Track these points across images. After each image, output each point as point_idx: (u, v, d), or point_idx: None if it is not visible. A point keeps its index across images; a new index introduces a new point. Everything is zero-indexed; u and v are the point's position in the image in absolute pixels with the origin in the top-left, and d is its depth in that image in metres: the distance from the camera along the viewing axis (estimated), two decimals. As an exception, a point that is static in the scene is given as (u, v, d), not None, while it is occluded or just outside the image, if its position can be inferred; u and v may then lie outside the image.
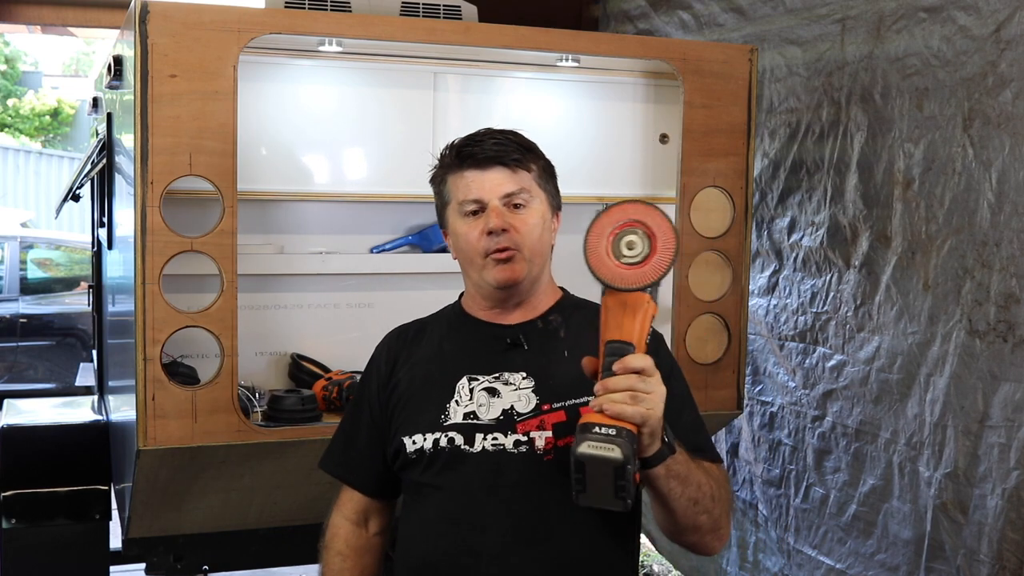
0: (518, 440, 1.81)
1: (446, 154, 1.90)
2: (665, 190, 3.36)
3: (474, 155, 1.85)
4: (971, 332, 2.87)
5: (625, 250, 1.55)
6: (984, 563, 2.82)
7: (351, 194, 3.23)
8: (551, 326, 1.92)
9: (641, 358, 1.58)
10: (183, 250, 2.64)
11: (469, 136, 1.89)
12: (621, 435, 1.52)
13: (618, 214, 1.58)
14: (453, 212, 1.88)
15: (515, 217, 1.84)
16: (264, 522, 3.25)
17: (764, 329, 3.78)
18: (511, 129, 1.93)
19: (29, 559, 3.51)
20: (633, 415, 1.55)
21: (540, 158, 1.93)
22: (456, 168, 1.87)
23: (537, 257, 1.89)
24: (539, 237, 1.88)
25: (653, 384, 1.57)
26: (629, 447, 1.52)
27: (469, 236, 1.85)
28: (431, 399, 1.88)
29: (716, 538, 1.81)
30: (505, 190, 1.84)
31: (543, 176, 1.92)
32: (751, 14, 3.83)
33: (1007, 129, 2.76)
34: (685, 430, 1.84)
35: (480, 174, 1.84)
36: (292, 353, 3.29)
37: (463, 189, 1.85)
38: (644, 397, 1.56)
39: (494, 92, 3.34)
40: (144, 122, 2.58)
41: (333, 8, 2.99)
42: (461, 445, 1.82)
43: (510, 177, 1.85)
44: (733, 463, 4.07)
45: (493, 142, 1.86)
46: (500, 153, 1.85)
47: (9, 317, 8.28)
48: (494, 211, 1.83)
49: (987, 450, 2.82)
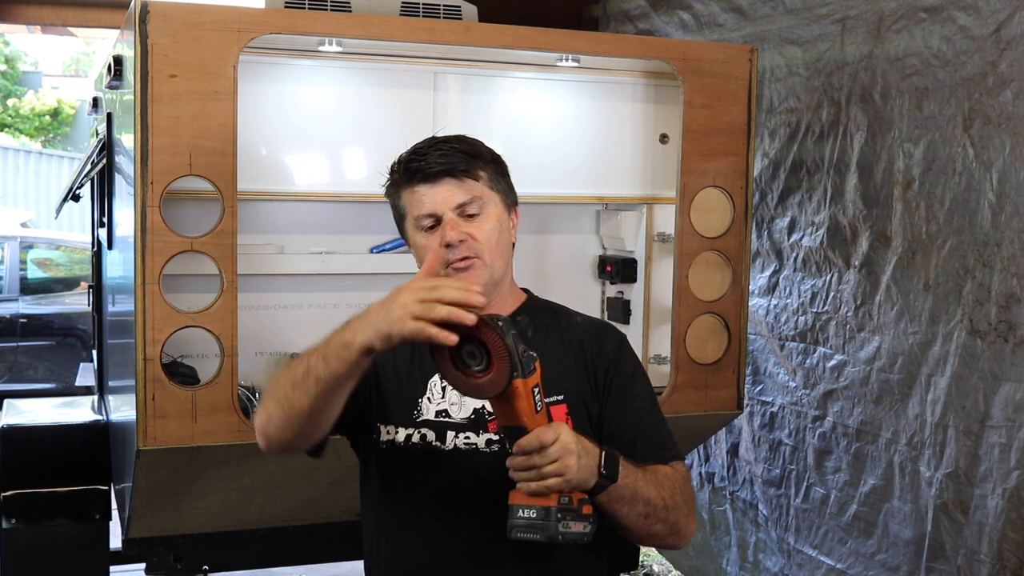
0: (490, 439, 1.85)
1: (395, 169, 1.91)
2: (665, 190, 3.36)
3: (422, 170, 1.85)
4: (972, 332, 2.87)
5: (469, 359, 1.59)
6: (984, 563, 2.82)
7: (351, 194, 3.23)
8: (519, 327, 1.92)
9: (534, 437, 1.62)
10: (183, 250, 2.64)
11: (415, 149, 1.90)
12: (543, 516, 1.63)
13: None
14: (411, 226, 1.90)
15: (471, 225, 1.86)
16: (264, 522, 3.25)
17: (764, 329, 3.78)
18: (456, 134, 1.93)
19: (29, 559, 3.51)
20: (547, 490, 1.62)
21: (488, 162, 1.92)
22: (406, 184, 1.88)
23: (498, 260, 1.90)
24: (497, 240, 1.89)
25: (555, 451, 1.62)
26: (553, 525, 1.64)
27: (427, 250, 1.87)
28: (404, 393, 1.90)
29: (677, 539, 1.87)
30: (457, 201, 1.85)
31: (494, 178, 1.92)
32: (751, 14, 3.83)
33: (1007, 129, 2.76)
34: (648, 431, 1.90)
35: (430, 188, 1.85)
36: (292, 353, 3.29)
37: (416, 204, 1.87)
38: (548, 469, 1.61)
39: (494, 92, 3.34)
40: (144, 122, 2.58)
41: (333, 8, 2.99)
42: (433, 442, 1.86)
43: (460, 187, 1.86)
44: (733, 463, 4.07)
45: (439, 154, 1.86)
46: (447, 165, 1.85)
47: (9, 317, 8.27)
48: (449, 223, 1.84)
49: (988, 450, 2.82)
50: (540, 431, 1.62)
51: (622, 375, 1.93)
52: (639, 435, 1.89)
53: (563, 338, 1.94)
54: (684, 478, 1.88)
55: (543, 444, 1.61)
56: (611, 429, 1.89)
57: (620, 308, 3.58)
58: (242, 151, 2.70)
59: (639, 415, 1.91)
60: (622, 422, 1.90)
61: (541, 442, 1.61)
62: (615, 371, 1.93)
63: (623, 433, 1.88)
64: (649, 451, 1.87)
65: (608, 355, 1.94)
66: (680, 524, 1.84)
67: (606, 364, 1.92)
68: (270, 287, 3.29)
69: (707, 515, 4.27)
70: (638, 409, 1.92)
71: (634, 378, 1.95)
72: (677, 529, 1.84)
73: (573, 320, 1.99)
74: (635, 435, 1.89)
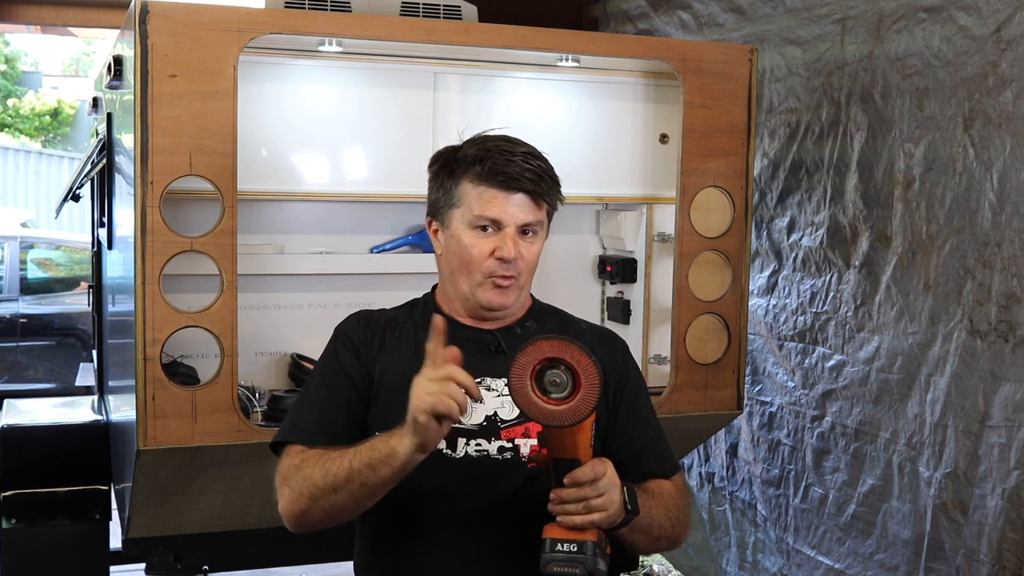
0: (502, 446, 1.82)
1: (472, 156, 1.82)
2: (665, 190, 3.37)
3: (508, 176, 1.79)
4: (972, 332, 2.87)
5: (550, 386, 1.54)
6: (984, 563, 2.82)
7: (351, 194, 3.23)
8: (528, 332, 1.92)
9: (589, 470, 1.60)
10: (183, 250, 2.64)
11: (501, 148, 1.82)
12: (583, 550, 1.59)
13: (534, 353, 1.55)
14: (459, 218, 1.83)
15: (524, 246, 1.83)
16: (264, 522, 3.25)
17: (764, 329, 3.78)
18: (530, 145, 1.87)
19: (29, 559, 3.51)
20: (591, 524, 1.60)
21: (559, 189, 1.88)
22: (480, 179, 1.81)
23: (528, 283, 1.90)
24: (535, 265, 1.88)
25: (604, 485, 1.61)
26: (592, 560, 1.59)
27: (473, 250, 1.82)
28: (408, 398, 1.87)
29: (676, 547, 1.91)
30: (526, 220, 1.82)
31: (555, 207, 1.90)
32: (751, 14, 3.83)
33: (1008, 129, 2.76)
34: (652, 442, 1.91)
35: (506, 196, 1.80)
36: (292, 353, 3.29)
37: (482, 204, 1.80)
38: (596, 503, 1.60)
39: (494, 92, 3.34)
40: (144, 122, 2.58)
41: (333, 8, 2.99)
42: (443, 449, 1.81)
43: (531, 208, 1.82)
44: (733, 463, 4.07)
45: (527, 168, 1.80)
46: (534, 184, 1.80)
47: (9, 317, 8.27)
48: (511, 239, 1.80)
49: (987, 450, 2.82)
50: (594, 464, 1.60)
51: (631, 385, 1.93)
52: (645, 445, 1.90)
53: None
54: (683, 491, 1.90)
55: (597, 477, 1.59)
56: (619, 440, 1.89)
57: (620, 308, 3.58)
58: (242, 151, 2.70)
59: (645, 425, 1.92)
60: (631, 433, 1.90)
61: (596, 475, 1.59)
62: (624, 381, 1.92)
63: (631, 444, 1.89)
64: (654, 462, 1.89)
65: (617, 365, 1.93)
66: (682, 537, 1.87)
67: (616, 374, 1.91)
68: (270, 287, 3.29)
69: (707, 515, 4.27)
70: (644, 420, 1.93)
71: (640, 388, 1.95)
72: (678, 541, 1.87)
73: (579, 327, 1.98)
74: (642, 445, 1.89)
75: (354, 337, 1.92)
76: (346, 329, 1.95)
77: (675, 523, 1.83)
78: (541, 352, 1.53)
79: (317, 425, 1.85)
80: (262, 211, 3.25)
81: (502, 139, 1.86)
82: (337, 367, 1.90)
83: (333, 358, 1.91)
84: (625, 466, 1.86)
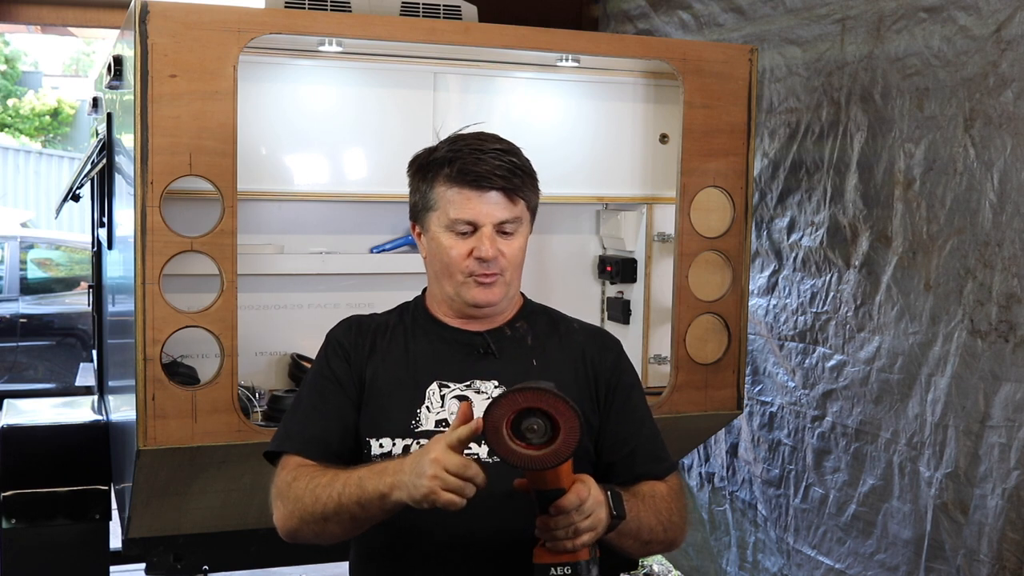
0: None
1: (443, 158, 1.82)
2: (665, 190, 3.37)
3: (477, 176, 1.79)
4: (972, 332, 2.87)
5: (528, 433, 1.53)
6: (984, 563, 2.82)
7: (351, 194, 3.23)
8: (518, 333, 1.91)
9: (574, 497, 1.60)
10: (183, 250, 2.64)
11: (471, 146, 1.81)
12: (577, 571, 1.61)
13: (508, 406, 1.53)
14: (436, 221, 1.84)
15: (504, 243, 1.83)
16: (264, 522, 3.23)
17: (764, 329, 3.78)
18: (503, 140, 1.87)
19: (29, 559, 3.51)
20: (580, 546, 1.61)
21: (536, 182, 1.89)
22: (451, 181, 1.80)
23: (516, 278, 1.89)
24: (521, 260, 1.88)
25: (589, 507, 1.61)
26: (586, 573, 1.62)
27: (452, 251, 1.82)
28: (400, 403, 1.85)
29: (672, 550, 1.91)
30: (501, 217, 1.81)
31: (534, 199, 1.89)
32: (751, 14, 3.82)
33: (1008, 129, 2.76)
34: (646, 442, 1.89)
35: (479, 195, 1.80)
36: (292, 353, 3.29)
37: (457, 206, 1.80)
38: (583, 524, 1.61)
39: (494, 92, 3.34)
40: (144, 122, 2.58)
41: (333, 8, 2.99)
42: None
43: (507, 205, 1.82)
44: (733, 463, 4.07)
45: (497, 165, 1.79)
46: (504, 181, 1.80)
47: (9, 317, 8.27)
48: (487, 238, 1.80)
49: (988, 450, 2.82)
50: (577, 489, 1.60)
51: (623, 385, 1.92)
52: (639, 446, 1.88)
53: (562, 345, 1.92)
54: (678, 493, 1.88)
55: (582, 502, 1.60)
56: (612, 440, 1.88)
57: (620, 308, 3.58)
58: (242, 151, 2.70)
59: (638, 425, 1.91)
60: (623, 433, 1.89)
61: (581, 500, 1.60)
62: (616, 381, 1.91)
63: (624, 444, 1.88)
64: (647, 462, 1.88)
65: (609, 365, 1.92)
66: (677, 540, 1.86)
67: (607, 374, 1.91)
68: (270, 287, 3.29)
69: (707, 515, 4.27)
70: (637, 419, 1.91)
71: (633, 388, 1.94)
72: (674, 544, 1.87)
73: (571, 327, 1.97)
74: (635, 446, 1.88)
75: (345, 343, 1.92)
76: (337, 335, 1.95)
77: (667, 526, 1.81)
78: (515, 404, 1.53)
79: (310, 434, 1.85)
80: (262, 211, 3.25)
81: (473, 137, 1.85)
82: (328, 374, 1.90)
83: (324, 365, 1.92)
84: (617, 467, 1.87)
